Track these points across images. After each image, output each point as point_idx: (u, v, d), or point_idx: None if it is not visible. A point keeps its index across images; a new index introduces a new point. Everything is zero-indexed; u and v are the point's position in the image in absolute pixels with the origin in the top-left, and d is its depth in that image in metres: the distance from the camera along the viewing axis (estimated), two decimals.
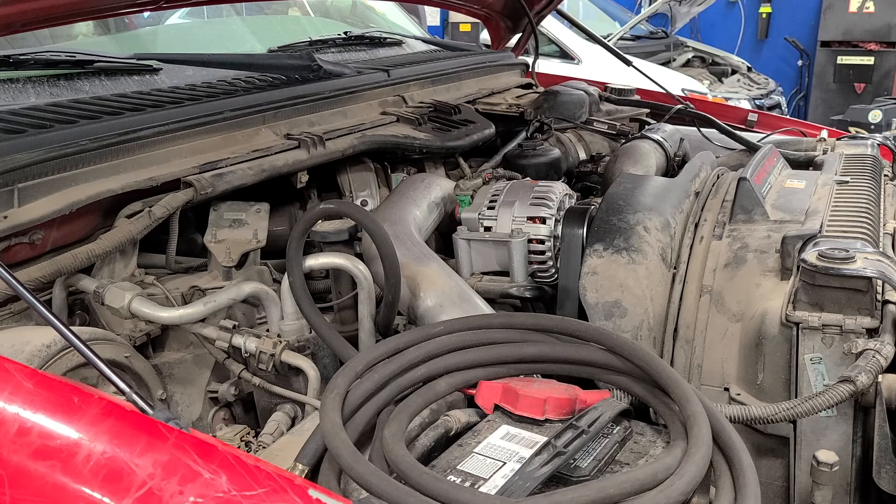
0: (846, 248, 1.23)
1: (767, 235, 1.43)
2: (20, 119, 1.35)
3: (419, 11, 5.25)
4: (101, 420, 0.75)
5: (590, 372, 1.11)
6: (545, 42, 5.70)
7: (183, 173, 1.40)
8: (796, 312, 1.21)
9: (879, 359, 1.12)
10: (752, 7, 8.15)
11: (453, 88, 2.33)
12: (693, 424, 0.87)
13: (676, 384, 0.95)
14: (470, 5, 2.64)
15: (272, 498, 0.68)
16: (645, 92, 2.66)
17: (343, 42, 2.38)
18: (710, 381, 1.34)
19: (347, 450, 0.87)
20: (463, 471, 0.91)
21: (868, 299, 1.19)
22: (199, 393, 1.40)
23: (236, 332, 1.33)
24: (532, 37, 2.73)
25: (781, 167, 1.79)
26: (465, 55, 2.57)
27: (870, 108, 5.05)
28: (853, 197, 1.56)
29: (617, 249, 1.40)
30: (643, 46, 6.53)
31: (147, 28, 2.47)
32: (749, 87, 6.13)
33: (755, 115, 2.57)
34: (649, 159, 2.00)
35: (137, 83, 1.71)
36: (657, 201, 1.50)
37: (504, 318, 1.21)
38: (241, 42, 2.45)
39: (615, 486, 0.78)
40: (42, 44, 1.89)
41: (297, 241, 1.34)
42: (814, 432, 1.21)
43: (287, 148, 1.59)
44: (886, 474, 1.12)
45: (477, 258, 1.62)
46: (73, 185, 1.27)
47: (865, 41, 7.29)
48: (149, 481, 0.69)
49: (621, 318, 1.36)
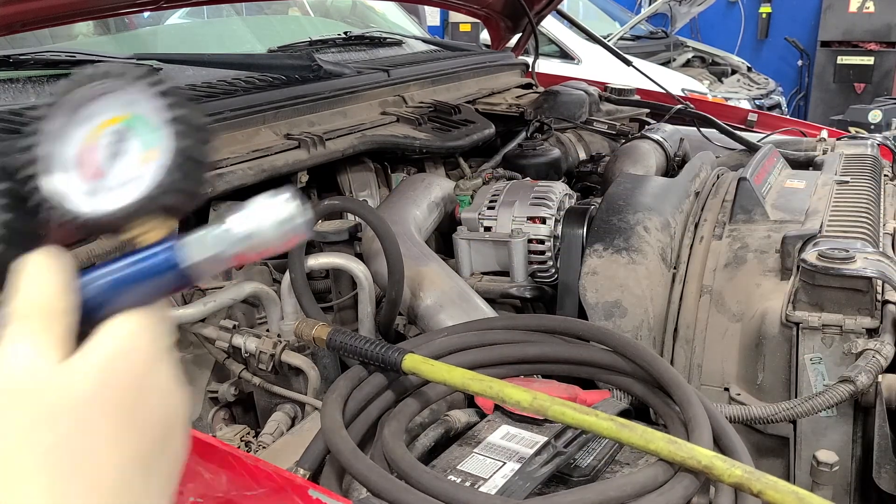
0: (846, 248, 1.23)
1: (767, 235, 1.43)
2: (20, 119, 1.34)
3: (419, 11, 5.25)
4: None
5: (590, 372, 1.11)
6: (545, 42, 5.69)
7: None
8: (796, 312, 1.21)
9: (879, 359, 1.12)
10: (752, 7, 8.15)
11: (453, 88, 2.33)
12: (694, 426, 0.87)
13: (678, 385, 0.95)
14: (470, 5, 2.64)
15: (272, 498, 0.68)
16: (645, 92, 2.66)
17: (343, 42, 2.38)
18: (710, 381, 1.34)
19: (348, 447, 0.87)
20: (463, 471, 0.91)
21: (868, 299, 1.19)
22: (199, 393, 1.40)
23: (236, 332, 1.33)
24: (532, 37, 2.73)
25: (781, 167, 1.79)
26: (465, 55, 2.57)
27: (870, 108, 5.05)
28: (853, 197, 1.56)
29: (617, 249, 1.40)
30: (643, 46, 6.53)
31: (147, 28, 2.47)
32: (749, 87, 6.13)
33: (755, 115, 2.57)
34: (649, 159, 2.00)
35: None
36: (657, 201, 1.50)
37: (506, 320, 1.21)
38: (241, 42, 2.45)
39: (615, 488, 0.79)
40: (42, 44, 1.89)
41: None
42: (814, 432, 1.21)
43: (287, 148, 1.59)
44: (886, 474, 1.12)
45: (477, 258, 1.62)
46: None
47: (865, 41, 7.29)
48: None
49: (621, 318, 1.36)
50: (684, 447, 0.80)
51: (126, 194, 0.49)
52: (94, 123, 0.50)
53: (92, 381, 0.42)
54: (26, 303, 0.44)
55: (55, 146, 0.50)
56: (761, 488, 0.75)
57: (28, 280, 0.44)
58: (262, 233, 0.49)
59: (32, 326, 0.43)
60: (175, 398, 0.46)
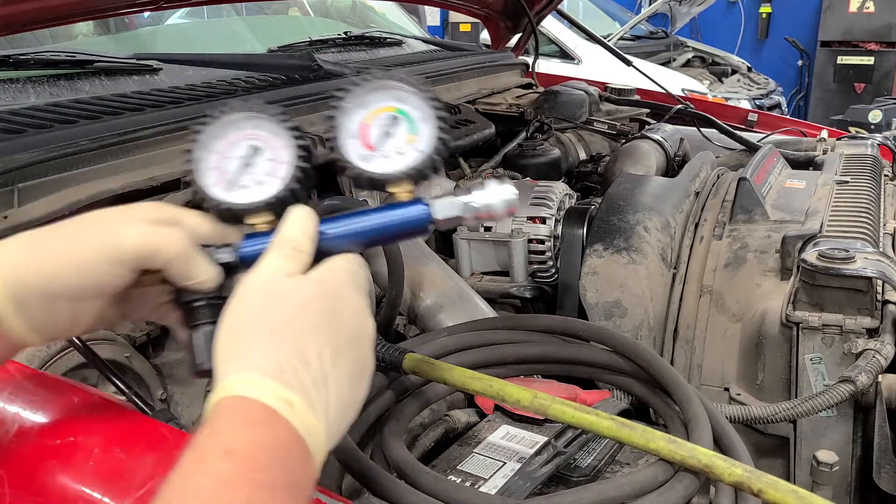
0: (846, 248, 1.23)
1: (767, 235, 1.43)
2: (20, 119, 1.34)
3: (419, 11, 5.25)
4: (101, 420, 0.75)
5: (590, 372, 1.11)
6: (545, 42, 5.69)
7: (183, 173, 1.40)
8: (796, 312, 1.21)
9: (879, 359, 1.12)
10: (752, 7, 8.15)
11: (453, 88, 2.33)
12: (694, 426, 0.87)
13: (678, 385, 0.95)
14: (470, 5, 2.63)
15: None
16: (645, 92, 2.65)
17: (343, 42, 2.38)
18: (710, 381, 1.34)
19: (348, 446, 0.87)
20: (463, 471, 0.91)
21: (868, 299, 1.19)
22: (199, 393, 1.40)
23: None
24: (532, 37, 2.73)
25: (781, 167, 1.79)
26: (465, 55, 2.57)
27: (870, 108, 5.05)
28: (853, 197, 1.56)
29: (617, 249, 1.40)
30: (643, 46, 6.53)
31: (147, 28, 2.46)
32: (749, 87, 6.13)
33: (755, 115, 2.57)
34: (649, 159, 2.00)
35: (137, 83, 1.71)
36: (657, 201, 1.50)
37: (506, 320, 1.21)
38: (241, 42, 2.45)
39: (615, 488, 0.78)
40: (42, 44, 1.88)
41: None
42: (814, 432, 1.21)
43: None
44: (886, 474, 1.12)
45: (477, 258, 1.62)
46: (73, 185, 1.27)
47: (865, 41, 7.29)
48: (149, 482, 0.69)
49: (621, 318, 1.36)
50: (684, 446, 0.80)
51: (393, 163, 0.71)
52: (371, 108, 0.71)
53: (309, 290, 0.63)
54: (286, 238, 0.67)
55: (346, 119, 0.71)
56: (761, 487, 0.75)
57: (291, 223, 0.68)
58: (492, 207, 0.72)
59: (285, 253, 0.65)
60: (362, 316, 0.65)
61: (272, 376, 0.56)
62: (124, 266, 0.66)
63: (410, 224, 0.72)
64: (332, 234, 0.70)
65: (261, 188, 0.70)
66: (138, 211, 0.69)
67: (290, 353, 0.58)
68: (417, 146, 0.70)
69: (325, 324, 0.61)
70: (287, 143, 0.70)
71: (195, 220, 0.70)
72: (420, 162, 0.70)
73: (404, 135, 0.71)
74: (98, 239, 0.66)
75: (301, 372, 0.57)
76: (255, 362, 0.57)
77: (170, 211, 0.70)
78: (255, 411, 0.54)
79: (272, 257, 0.65)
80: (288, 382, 0.56)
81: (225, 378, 0.57)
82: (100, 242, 0.65)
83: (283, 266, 0.64)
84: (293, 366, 0.57)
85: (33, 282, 0.64)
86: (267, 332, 0.59)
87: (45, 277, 0.64)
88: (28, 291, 0.64)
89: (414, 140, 0.71)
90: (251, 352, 0.58)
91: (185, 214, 0.70)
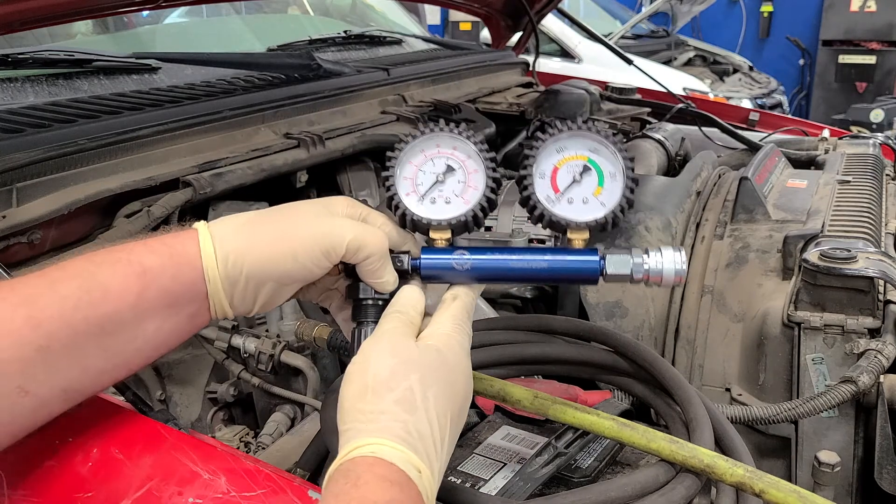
0: (848, 247, 1.22)
1: (769, 235, 1.43)
2: (19, 118, 1.34)
3: (419, 10, 5.25)
4: (99, 420, 0.75)
5: (590, 372, 1.10)
6: (546, 41, 5.69)
7: (182, 173, 1.40)
8: (798, 312, 1.21)
9: (881, 359, 1.12)
10: (754, 6, 8.15)
11: (454, 87, 2.33)
12: (696, 427, 0.87)
13: (679, 385, 0.95)
14: (470, 4, 2.63)
15: (271, 499, 0.67)
16: (646, 91, 2.65)
17: (343, 41, 2.37)
18: (712, 382, 1.34)
19: None
20: (463, 472, 0.91)
21: (870, 299, 1.18)
22: (198, 393, 1.39)
23: (235, 332, 1.32)
24: (533, 35, 2.73)
25: (783, 167, 1.79)
26: (465, 54, 2.57)
27: (871, 107, 5.06)
28: (855, 196, 1.55)
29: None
30: (644, 45, 6.53)
31: (146, 27, 2.46)
32: (750, 86, 6.13)
33: (756, 115, 2.56)
34: (650, 158, 2.00)
35: (136, 82, 1.70)
36: (658, 201, 1.49)
37: (506, 320, 1.21)
38: (241, 41, 2.44)
39: (617, 488, 0.78)
40: (41, 43, 1.88)
41: None
42: (815, 433, 1.21)
43: (286, 147, 1.59)
44: (888, 475, 1.12)
45: None
46: (72, 185, 1.27)
47: (867, 40, 7.28)
48: (147, 482, 0.69)
49: (622, 319, 1.35)
50: (686, 447, 0.79)
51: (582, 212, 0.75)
52: (565, 154, 0.76)
53: (433, 358, 0.68)
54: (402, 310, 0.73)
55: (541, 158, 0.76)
56: (763, 488, 0.74)
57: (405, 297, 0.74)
58: (662, 273, 0.75)
59: (403, 320, 0.71)
60: (470, 384, 0.71)
61: (405, 443, 0.62)
62: (336, 257, 0.72)
63: (581, 272, 0.76)
64: (510, 265, 0.76)
65: (447, 206, 0.76)
66: (338, 206, 0.75)
67: (418, 422, 0.63)
68: (602, 199, 0.75)
69: (445, 394, 0.66)
70: (481, 169, 0.76)
71: (383, 223, 0.76)
72: (603, 216, 0.74)
73: (592, 186, 0.75)
74: (314, 231, 0.71)
75: (427, 441, 0.63)
76: (388, 426, 0.62)
77: (362, 209, 0.76)
78: (393, 473, 0.60)
79: (393, 322, 0.71)
80: (417, 450, 0.62)
81: (358, 438, 0.62)
82: (318, 234, 0.71)
83: (404, 332, 0.70)
84: (421, 434, 0.63)
85: (250, 266, 0.70)
86: (398, 397, 0.64)
87: (262, 263, 0.70)
88: (243, 274, 0.70)
89: (599, 192, 0.75)
90: (383, 415, 0.63)
91: (373, 215, 0.76)
